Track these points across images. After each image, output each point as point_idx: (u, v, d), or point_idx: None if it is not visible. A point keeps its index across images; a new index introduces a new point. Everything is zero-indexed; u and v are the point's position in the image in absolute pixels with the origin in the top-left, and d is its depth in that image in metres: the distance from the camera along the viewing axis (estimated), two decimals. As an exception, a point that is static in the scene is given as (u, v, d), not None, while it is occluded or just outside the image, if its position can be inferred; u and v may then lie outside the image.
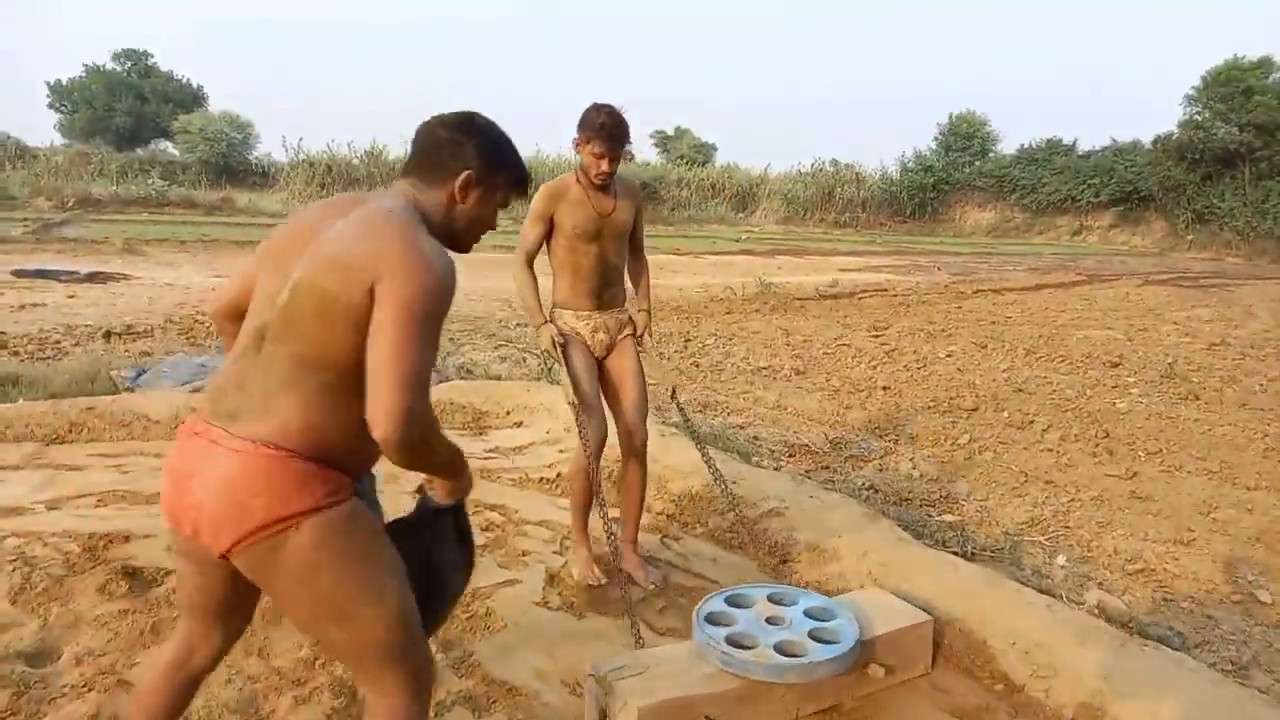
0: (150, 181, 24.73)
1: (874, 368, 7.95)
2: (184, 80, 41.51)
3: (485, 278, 13.82)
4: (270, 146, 29.08)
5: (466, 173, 1.65)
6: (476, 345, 8.23)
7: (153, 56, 41.51)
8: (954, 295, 13.96)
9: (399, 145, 26.76)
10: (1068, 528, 4.26)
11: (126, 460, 4.13)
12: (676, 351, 8.40)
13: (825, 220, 32.47)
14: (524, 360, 7.54)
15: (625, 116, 2.94)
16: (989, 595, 2.81)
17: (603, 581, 3.08)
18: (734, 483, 3.89)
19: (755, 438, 5.43)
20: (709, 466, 3.27)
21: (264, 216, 22.90)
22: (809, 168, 34.76)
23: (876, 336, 9.68)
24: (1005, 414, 6.31)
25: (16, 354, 6.89)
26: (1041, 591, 3.10)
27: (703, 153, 40.70)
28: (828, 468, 4.97)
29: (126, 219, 20.05)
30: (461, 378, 6.11)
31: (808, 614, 2.49)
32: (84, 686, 2.35)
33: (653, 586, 3.09)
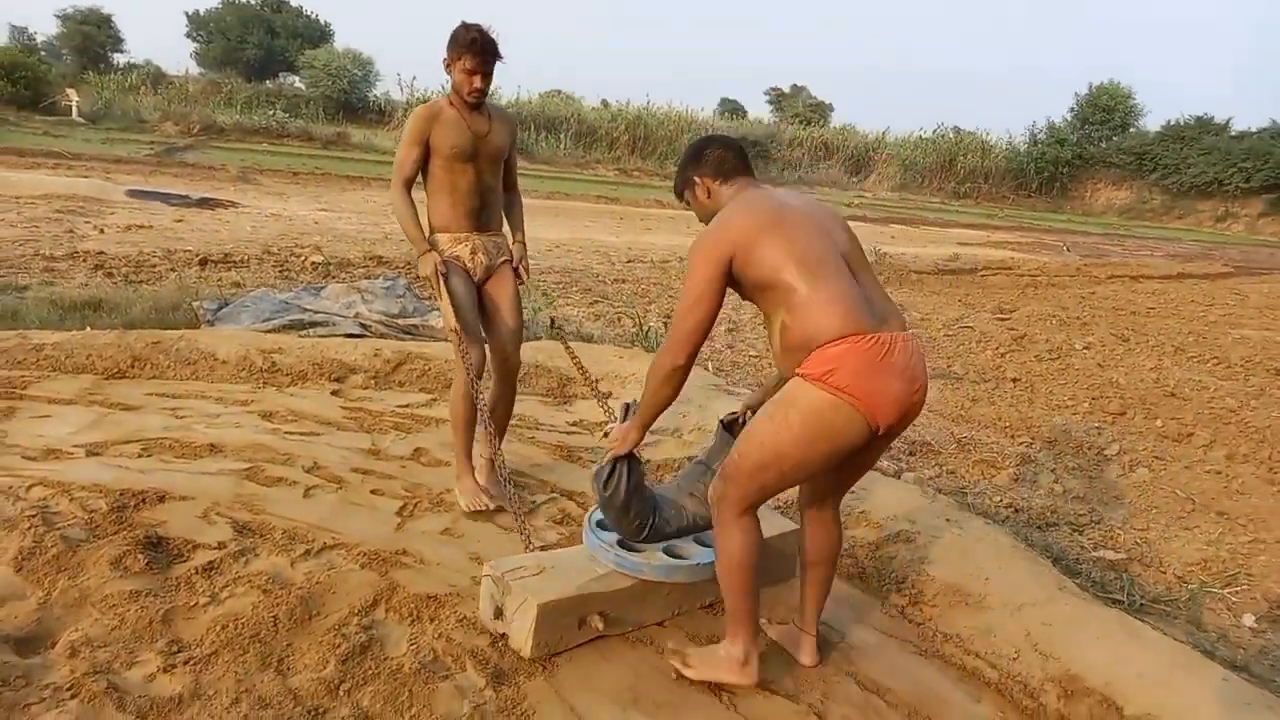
0: (272, 113, 25.09)
1: (1001, 355, 7.10)
2: (313, 16, 42.05)
3: (584, 227, 13.37)
4: (389, 85, 28.95)
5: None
6: (570, 299, 7.74)
7: (286, -10, 42.18)
8: (1087, 279, 12.73)
9: (511, 88, 26.26)
10: (1251, 575, 3.48)
11: (184, 404, 3.78)
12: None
13: (944, 189, 30.72)
14: (619, 320, 7.02)
15: (493, 35, 2.95)
16: (1191, 687, 2.13)
17: (490, 506, 3.06)
18: (850, 493, 3.27)
19: (870, 430, 4.76)
20: (578, 369, 3.33)
21: (375, 153, 23.00)
22: (930, 133, 32.89)
23: (1003, 320, 8.77)
24: (1159, 422, 5.44)
25: (111, 275, 6.75)
26: (1235, 668, 2.42)
27: (819, 112, 39.02)
28: (954, 473, 4.28)
29: (246, 148, 20.36)
30: (552, 337, 5.60)
31: None
32: (68, 690, 1.94)
33: (497, 503, 3.06)
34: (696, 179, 2.26)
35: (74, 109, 21.92)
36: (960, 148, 31.35)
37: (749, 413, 2.45)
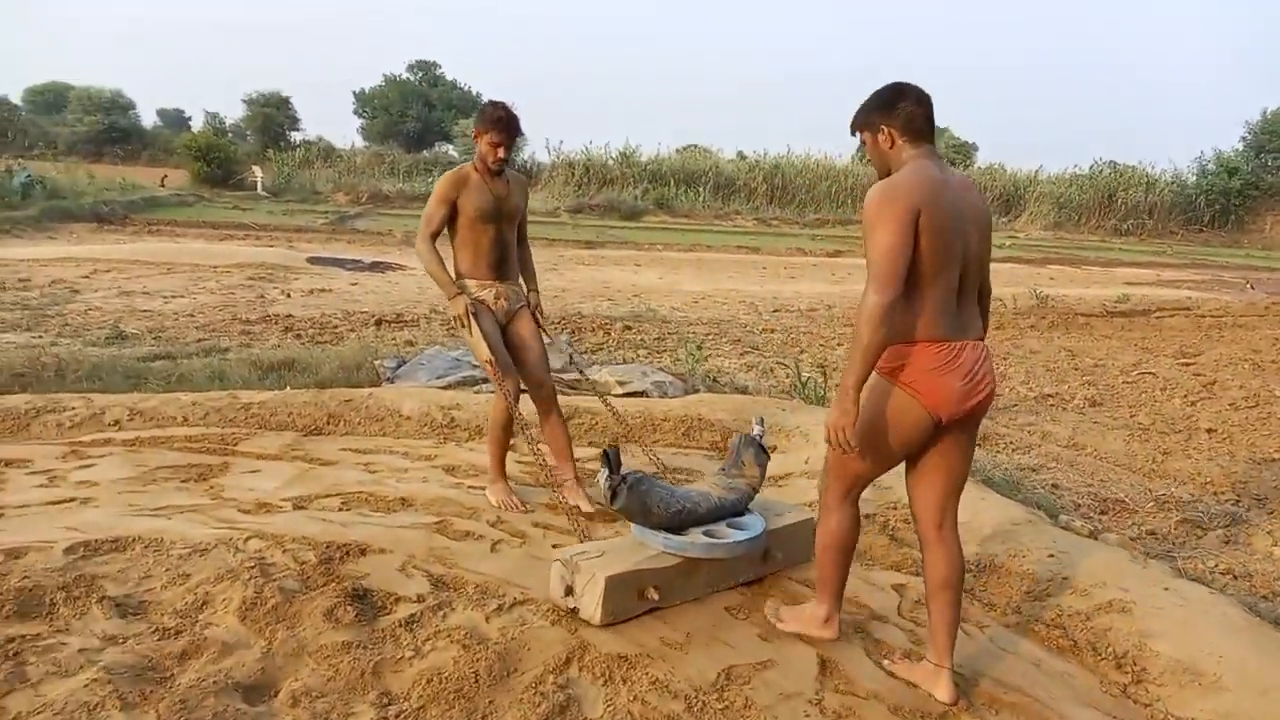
0: (430, 180, 26.62)
1: (1192, 404, 6.55)
2: (465, 87, 44.72)
3: (728, 278, 13.39)
4: (535, 147, 30.24)
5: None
6: (720, 351, 7.73)
7: (440, 66, 45.19)
8: (1277, 319, 11.62)
9: (651, 146, 26.84)
10: None
11: (375, 458, 3.98)
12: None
13: (1102, 227, 28.99)
14: (772, 371, 6.94)
15: (515, 112, 3.43)
16: None
17: (524, 508, 3.48)
18: (1050, 555, 3.05)
19: (1054, 485, 4.46)
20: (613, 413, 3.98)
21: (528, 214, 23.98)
22: (1085, 169, 31.22)
23: (1187, 365, 8.10)
24: (1389, 478, 4.85)
25: (299, 336, 7.27)
26: None
27: (962, 153, 37.90)
28: (1155, 533, 3.93)
29: (409, 214, 21.63)
30: (708, 388, 5.59)
31: None
32: (294, 738, 2.03)
33: (598, 506, 3.47)
34: (884, 126, 2.25)
35: (258, 184, 24.03)
36: (1121, 182, 29.55)
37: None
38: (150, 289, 9.07)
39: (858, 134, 2.34)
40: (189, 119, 44.17)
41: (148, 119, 40.19)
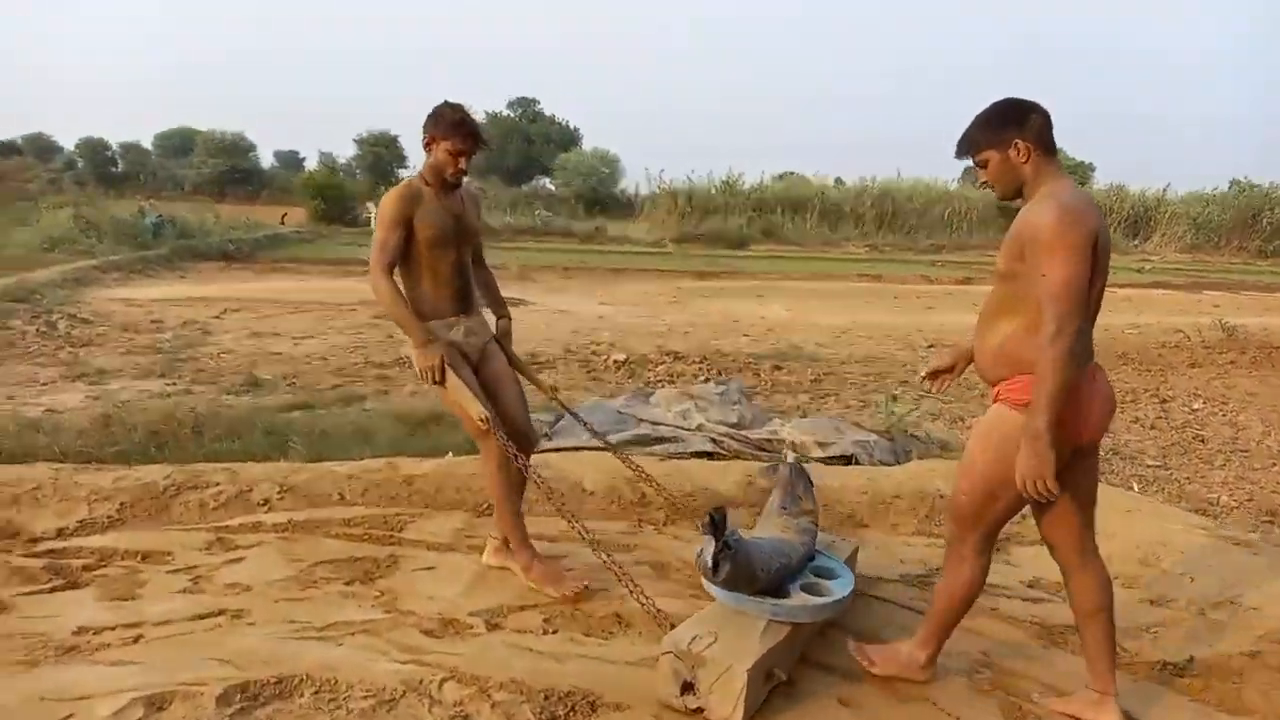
0: (537, 213, 26.50)
1: None
2: (563, 122, 44.97)
3: (860, 310, 12.31)
4: (634, 178, 29.90)
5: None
6: (901, 397, 6.80)
7: (539, 102, 45.56)
8: None
9: (754, 174, 26.17)
10: None
11: (564, 549, 3.24)
12: (1157, 416, 6.32)
13: (1245, 249, 26.68)
14: (961, 420, 6.00)
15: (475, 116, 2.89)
16: None
17: (587, 584, 2.88)
18: None
19: None
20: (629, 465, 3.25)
21: (629, 244, 23.47)
22: (1226, 188, 28.89)
23: None
24: None
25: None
26: None
27: (1079, 173, 35.77)
28: None
29: (517, 247, 21.39)
30: (936, 452, 4.66)
31: None
32: None
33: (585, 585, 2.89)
34: (1019, 141, 2.08)
35: (372, 220, 24.21)
36: (1269, 201, 27.15)
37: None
38: (280, 329, 8.71)
39: (977, 154, 2.14)
40: (303, 159, 45.72)
41: (265, 160, 41.69)
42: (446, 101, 2.87)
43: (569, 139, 43.33)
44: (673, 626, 2.34)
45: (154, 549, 3.05)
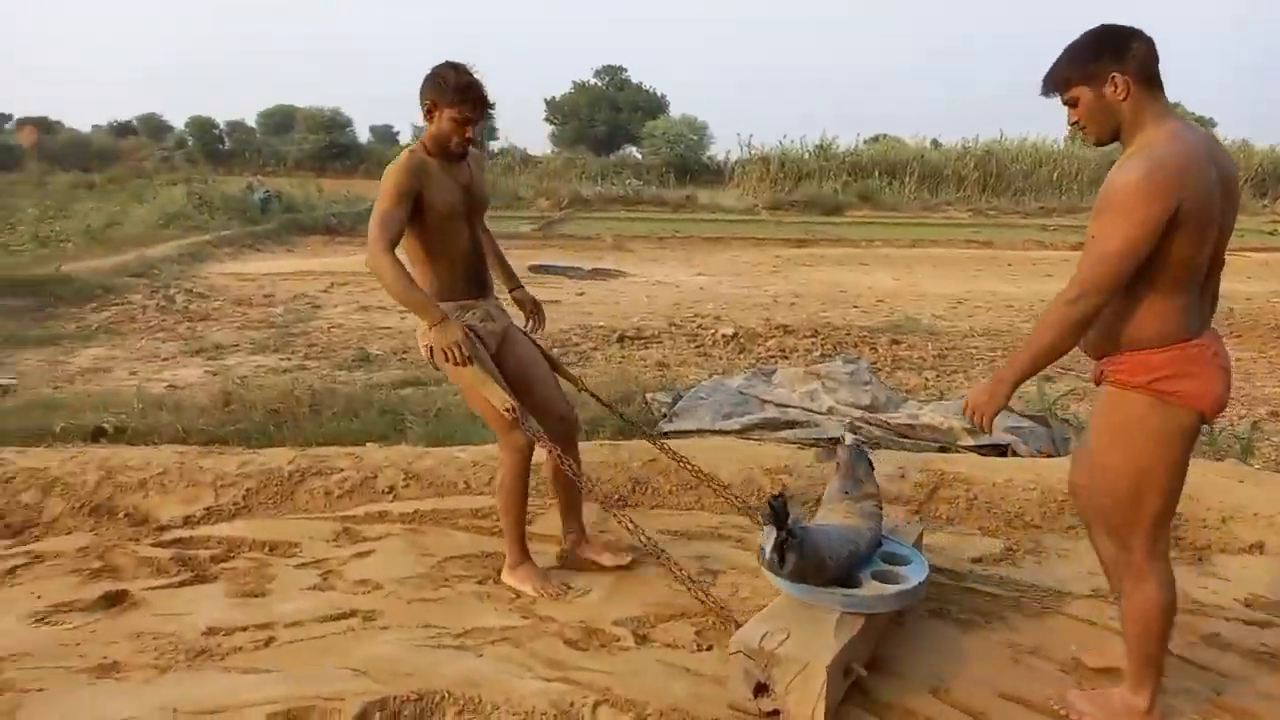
0: (628, 182, 26.20)
1: None
2: (650, 90, 44.36)
3: (972, 278, 11.59)
4: (723, 145, 29.24)
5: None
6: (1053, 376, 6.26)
7: (625, 70, 45.01)
8: None
9: (850, 137, 25.23)
10: None
11: (709, 549, 2.96)
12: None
13: (1394, 206, 24.37)
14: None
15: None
16: None
17: (568, 589, 2.66)
18: None
19: None
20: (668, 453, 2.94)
21: (722, 212, 22.94)
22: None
23: None
24: None
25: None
26: None
27: (1199, 129, 33.26)
28: None
29: (608, 216, 21.17)
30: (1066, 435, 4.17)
31: None
32: None
33: (630, 559, 2.80)
34: (1117, 74, 1.82)
35: (465, 192, 24.25)
36: None
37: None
38: (387, 303, 8.69)
39: (1066, 91, 1.89)
40: (397, 133, 46.41)
41: (361, 135, 42.47)
42: (449, 62, 2.54)
43: (656, 106, 42.70)
44: (738, 625, 2.17)
45: (281, 539, 2.91)
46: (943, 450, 3.91)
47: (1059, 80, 1.90)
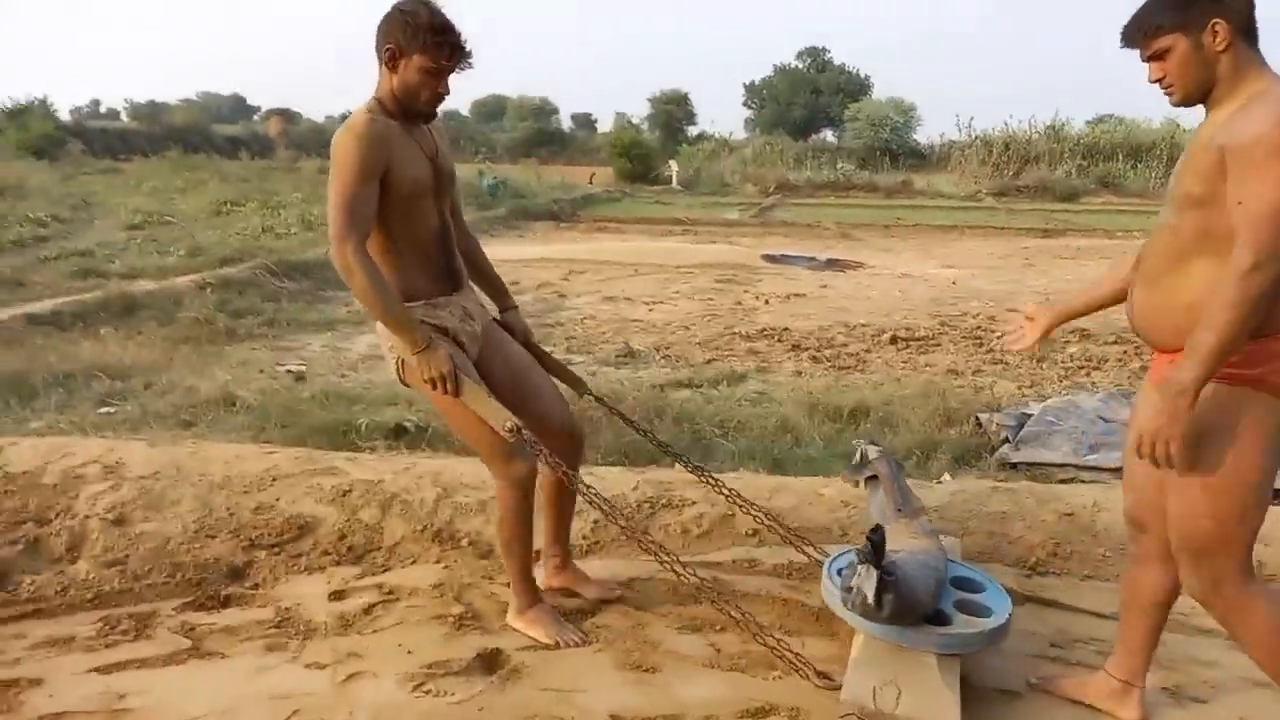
0: (839, 166, 25.05)
1: None
2: (854, 71, 42.43)
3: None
4: (934, 128, 27.31)
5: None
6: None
7: (829, 52, 43.31)
8: None
9: (1079, 119, 22.64)
10: None
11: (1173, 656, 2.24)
12: None
13: None
14: None
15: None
16: None
17: (582, 637, 2.23)
18: None
19: None
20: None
21: (942, 198, 21.34)
22: None
23: None
24: None
25: (816, 360, 5.89)
26: None
27: None
28: None
29: (818, 203, 20.21)
30: None
31: None
32: None
33: (617, 591, 2.44)
34: (1219, 20, 1.54)
35: (673, 178, 24.03)
36: None
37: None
38: (628, 293, 8.37)
39: (1155, 40, 1.59)
40: (595, 120, 47.17)
41: (564, 123, 43.47)
42: (424, 1, 1.99)
43: (859, 88, 40.77)
44: (821, 674, 1.97)
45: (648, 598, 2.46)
46: None
47: (1148, 27, 1.61)
